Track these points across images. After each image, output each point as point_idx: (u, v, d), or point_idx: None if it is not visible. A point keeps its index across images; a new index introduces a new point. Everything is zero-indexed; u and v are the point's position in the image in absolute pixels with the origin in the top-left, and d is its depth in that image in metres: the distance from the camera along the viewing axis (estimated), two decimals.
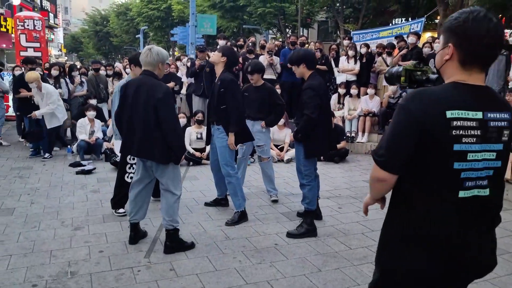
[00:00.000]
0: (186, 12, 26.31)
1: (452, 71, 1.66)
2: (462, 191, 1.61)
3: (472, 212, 1.64)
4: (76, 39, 59.48)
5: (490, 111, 1.60)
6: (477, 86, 1.62)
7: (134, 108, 3.76)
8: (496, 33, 1.56)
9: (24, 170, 7.02)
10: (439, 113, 1.55)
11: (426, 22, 14.67)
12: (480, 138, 1.58)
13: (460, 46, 1.60)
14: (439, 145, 1.57)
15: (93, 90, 9.36)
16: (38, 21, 11.70)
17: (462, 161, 1.58)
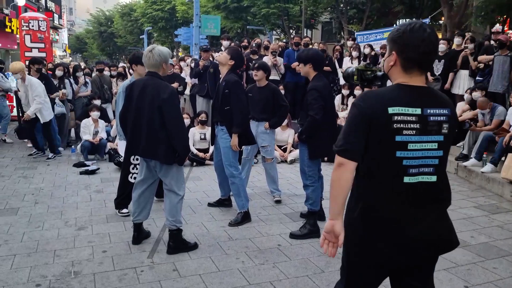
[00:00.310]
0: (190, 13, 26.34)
1: (396, 74, 1.94)
2: (406, 177, 1.86)
3: (420, 196, 1.89)
4: (80, 40, 59.69)
5: (430, 108, 1.88)
6: (417, 87, 1.91)
7: (140, 109, 3.77)
8: (430, 42, 1.85)
9: (28, 170, 7.05)
10: (382, 110, 1.83)
11: (430, 23, 14.64)
12: (420, 130, 1.85)
13: (401, 54, 1.89)
14: (384, 137, 1.85)
15: (97, 91, 9.38)
16: (42, 21, 11.75)
17: (403, 150, 1.85)
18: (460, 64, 8.16)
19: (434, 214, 1.93)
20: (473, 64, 7.92)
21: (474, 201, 5.62)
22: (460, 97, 8.19)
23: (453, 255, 3.93)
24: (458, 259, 3.88)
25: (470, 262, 3.84)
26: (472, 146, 6.86)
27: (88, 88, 9.52)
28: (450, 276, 3.56)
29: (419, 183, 1.88)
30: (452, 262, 3.82)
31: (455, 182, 6.55)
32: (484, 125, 6.90)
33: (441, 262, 3.82)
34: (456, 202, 5.55)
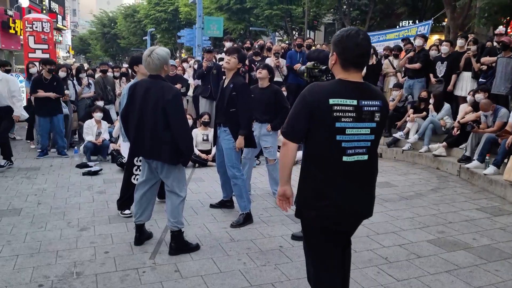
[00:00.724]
0: (193, 14, 26.40)
1: (337, 71, 2.33)
2: (345, 157, 2.26)
3: (354, 172, 2.29)
4: (84, 41, 59.92)
5: (364, 100, 2.26)
6: (354, 82, 2.28)
7: (143, 110, 3.78)
8: (362, 46, 2.24)
9: (32, 170, 7.08)
10: (324, 100, 2.20)
11: (433, 25, 14.65)
12: (355, 118, 2.23)
13: (339, 55, 2.28)
14: (325, 123, 2.22)
15: (101, 92, 9.42)
16: (46, 23, 11.79)
17: (342, 134, 2.23)
18: (463, 66, 8.15)
19: (365, 187, 2.37)
20: (476, 66, 7.91)
21: (477, 203, 5.60)
22: (463, 99, 8.17)
23: (455, 257, 3.93)
24: (460, 261, 3.87)
25: (472, 264, 3.83)
26: (474, 148, 6.84)
27: (91, 89, 9.56)
28: (452, 279, 3.56)
29: (354, 161, 2.28)
30: (454, 264, 3.81)
31: (457, 184, 6.54)
32: (487, 127, 6.89)
33: (443, 264, 3.82)
34: (459, 204, 5.54)
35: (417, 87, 8.63)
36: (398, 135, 8.41)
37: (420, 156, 7.88)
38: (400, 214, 5.15)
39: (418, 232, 4.59)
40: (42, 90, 7.84)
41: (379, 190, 6.01)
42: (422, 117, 8.20)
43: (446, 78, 8.39)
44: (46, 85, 7.89)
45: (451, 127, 7.77)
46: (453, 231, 4.62)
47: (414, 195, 5.96)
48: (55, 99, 7.95)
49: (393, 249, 4.14)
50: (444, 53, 8.45)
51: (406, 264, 3.81)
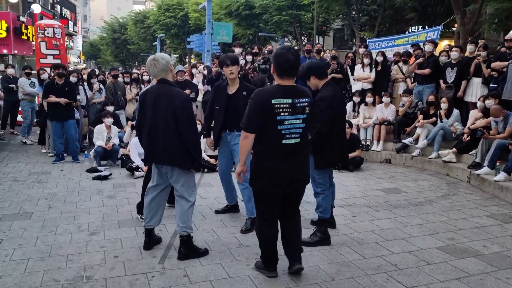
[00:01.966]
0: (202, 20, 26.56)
1: (276, 78, 3.36)
2: (284, 140, 3.25)
3: (290, 151, 3.29)
4: (94, 47, 60.48)
5: (297, 98, 3.26)
6: (288, 86, 3.30)
7: (154, 117, 3.81)
8: (292, 61, 3.27)
9: (43, 175, 7.15)
10: (268, 101, 3.19)
11: (443, 30, 14.58)
12: (291, 112, 3.23)
13: (275, 67, 3.33)
14: (270, 117, 3.19)
15: (111, 97, 9.50)
16: (58, 29, 11.93)
17: (281, 125, 3.22)
18: (473, 71, 8.10)
19: (297, 162, 3.35)
20: (486, 71, 7.86)
21: (487, 210, 5.56)
22: (473, 104, 8.12)
23: (465, 265, 3.90)
24: (471, 268, 3.84)
25: (482, 272, 3.80)
26: (485, 154, 6.79)
27: (102, 94, 9.64)
28: (463, 286, 3.53)
29: (290, 143, 3.27)
30: (464, 271, 3.78)
31: (468, 190, 6.49)
32: (497, 133, 6.84)
33: (453, 271, 3.79)
34: (469, 211, 5.50)
35: (427, 93, 8.59)
36: (407, 141, 8.37)
37: (430, 162, 7.83)
38: (410, 220, 5.12)
39: (428, 238, 4.56)
40: (54, 95, 7.93)
41: (388, 196, 6.02)
42: (431, 123, 8.16)
43: (456, 84, 8.34)
44: (58, 90, 7.98)
45: (461, 133, 7.72)
46: (463, 238, 4.59)
47: (424, 201, 5.93)
48: (68, 104, 8.03)
49: (402, 255, 4.12)
50: (454, 59, 8.41)
51: (415, 271, 3.79)
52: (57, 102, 7.90)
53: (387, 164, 8.42)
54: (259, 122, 3.19)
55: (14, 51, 17.62)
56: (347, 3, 19.55)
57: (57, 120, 8.03)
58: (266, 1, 23.41)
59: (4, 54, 17.45)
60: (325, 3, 20.05)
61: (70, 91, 8.15)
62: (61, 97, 7.93)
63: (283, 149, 3.23)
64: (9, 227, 4.70)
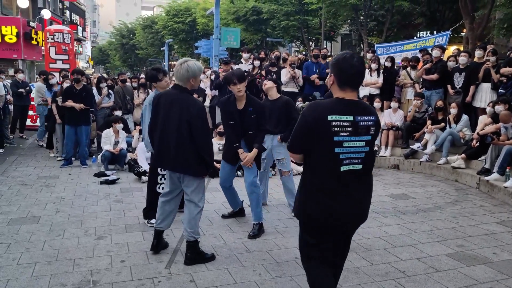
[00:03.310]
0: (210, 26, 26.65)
1: (335, 91, 2.58)
2: (342, 167, 2.51)
3: (349, 180, 2.53)
4: (103, 52, 60.91)
5: (360, 115, 2.51)
6: (350, 100, 2.53)
7: (168, 123, 3.82)
8: (357, 68, 2.50)
9: (51, 179, 7.19)
10: (323, 117, 2.45)
11: (452, 36, 14.51)
12: (352, 133, 2.48)
13: (336, 76, 2.54)
14: (325, 137, 2.46)
15: (120, 102, 9.54)
16: (67, 34, 12.04)
17: (339, 147, 2.47)
18: (482, 77, 8.04)
19: (357, 194, 2.58)
20: (495, 77, 7.79)
21: (497, 217, 5.49)
22: (482, 110, 8.06)
23: (475, 272, 3.85)
24: (480, 276, 3.79)
25: (492, 279, 3.74)
26: (494, 160, 6.72)
27: (111, 99, 9.69)
28: None
29: (349, 170, 2.52)
30: (473, 279, 3.73)
31: (477, 197, 6.43)
32: (507, 139, 6.77)
33: (462, 279, 3.74)
34: (478, 218, 5.44)
35: (435, 98, 8.54)
36: (415, 147, 8.31)
37: (438, 168, 7.77)
38: (418, 227, 5.07)
39: (437, 245, 4.51)
40: (71, 100, 8.02)
41: (396, 202, 5.97)
42: (440, 128, 8.10)
43: (464, 89, 8.29)
44: (75, 96, 8.06)
45: (470, 138, 7.66)
46: (472, 245, 4.53)
47: (432, 207, 5.87)
48: (84, 110, 8.09)
49: (411, 262, 4.08)
50: (462, 64, 8.36)
51: (424, 278, 3.74)
52: (73, 106, 7.97)
53: (395, 169, 8.37)
54: (303, 143, 2.55)
55: (24, 56, 17.81)
56: (355, 9, 19.50)
57: (71, 125, 8.09)
58: (273, 6, 23.42)
59: (14, 59, 17.63)
60: (332, 8, 20.01)
61: (87, 97, 8.23)
62: (78, 102, 8.01)
63: (340, 177, 2.52)
64: (17, 231, 4.72)
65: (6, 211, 5.43)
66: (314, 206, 2.56)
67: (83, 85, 8.27)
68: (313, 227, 2.63)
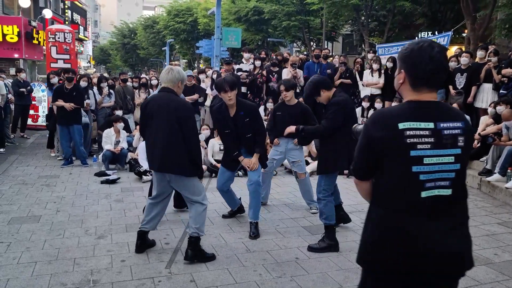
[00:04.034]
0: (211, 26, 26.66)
1: (406, 92, 1.95)
2: (424, 192, 1.84)
3: (434, 209, 1.85)
4: (104, 51, 60.98)
5: (443, 122, 1.85)
6: (428, 102, 1.89)
7: (158, 124, 3.84)
8: (438, 60, 1.85)
9: (51, 178, 7.18)
10: (392, 127, 1.83)
11: (453, 36, 14.48)
12: (434, 144, 1.83)
13: (409, 72, 1.90)
14: (397, 153, 1.84)
15: (120, 101, 9.54)
16: (68, 34, 12.04)
17: (419, 165, 1.83)
18: (483, 77, 8.03)
19: (448, 228, 1.87)
20: (496, 77, 7.78)
21: (498, 218, 5.48)
22: (483, 110, 8.04)
23: (476, 273, 3.84)
24: (481, 277, 3.78)
25: (493, 280, 3.73)
26: (496, 161, 6.71)
27: (112, 99, 9.69)
28: None
29: (435, 196, 1.85)
30: (475, 280, 3.72)
31: (478, 197, 6.41)
32: (508, 139, 6.75)
33: (463, 280, 3.71)
34: (479, 218, 5.43)
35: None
36: None
37: None
38: None
39: None
40: (62, 99, 7.98)
41: None
42: None
43: (465, 90, 8.27)
44: (66, 95, 8.02)
45: None
46: (473, 245, 4.48)
47: None
48: (75, 109, 8.05)
49: None
50: (463, 65, 8.34)
51: None
52: (63, 106, 7.94)
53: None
54: (367, 164, 1.96)
55: (25, 56, 17.81)
56: (356, 9, 19.49)
57: (62, 125, 8.07)
58: (275, 6, 23.42)
59: (15, 59, 17.64)
60: (334, 8, 20.00)
61: (78, 96, 8.16)
62: (69, 101, 7.96)
63: (423, 206, 1.85)
64: (17, 230, 4.71)
65: (6, 210, 5.42)
66: (386, 249, 1.88)
67: (74, 84, 8.23)
68: (387, 280, 1.93)
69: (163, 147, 3.80)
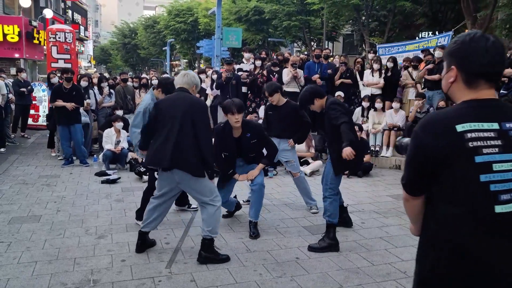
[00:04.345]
0: (212, 25, 26.66)
1: (460, 92, 1.68)
2: (498, 206, 1.52)
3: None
4: (105, 51, 60.99)
5: (508, 121, 1.59)
6: (487, 99, 1.63)
7: (170, 121, 3.81)
8: (495, 51, 1.60)
9: (52, 178, 7.19)
10: (449, 130, 1.56)
11: (454, 36, 14.46)
12: (503, 147, 1.55)
13: (462, 67, 1.64)
14: (459, 160, 1.55)
15: (121, 101, 9.55)
16: (69, 33, 12.04)
17: (488, 173, 1.53)
18: None
19: None
20: None
21: None
22: None
23: None
24: None
25: None
26: None
27: (112, 98, 9.70)
28: None
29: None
30: None
31: None
32: None
33: None
34: None
35: (437, 98, 8.52)
36: None
37: None
38: None
39: None
40: (61, 99, 7.98)
41: (398, 203, 5.96)
42: None
43: None
44: (65, 95, 8.02)
45: None
46: None
47: None
48: (75, 109, 8.06)
49: (412, 263, 4.03)
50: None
51: None
52: (63, 106, 7.94)
53: (397, 170, 8.35)
54: (420, 178, 1.67)
55: (26, 55, 17.82)
56: (356, 9, 19.49)
57: (63, 125, 8.07)
58: (275, 6, 23.42)
59: (16, 58, 17.65)
60: (334, 8, 20.00)
61: (77, 96, 8.16)
62: (68, 101, 7.96)
63: (496, 224, 1.54)
64: (17, 230, 4.72)
65: (7, 210, 5.43)
66: (448, 277, 1.60)
67: (73, 84, 8.23)
68: None
69: (175, 143, 3.75)
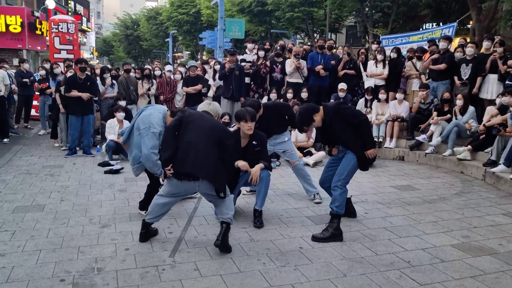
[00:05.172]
0: (214, 17, 26.59)
1: None
2: None
3: None
4: (107, 43, 60.91)
5: None
6: None
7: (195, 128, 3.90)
8: None
9: (55, 168, 7.20)
10: None
11: (458, 27, 14.37)
12: None
13: None
14: None
15: (123, 92, 9.52)
16: (71, 24, 12.02)
17: None
18: (489, 68, 7.97)
19: None
20: (502, 68, 7.72)
21: (503, 208, 5.46)
22: (488, 101, 7.99)
23: (481, 263, 3.83)
24: (486, 267, 3.77)
25: (498, 270, 3.72)
26: (500, 152, 6.67)
27: (115, 89, 9.67)
28: (477, 284, 3.46)
29: None
30: (479, 269, 3.71)
31: (483, 188, 6.38)
32: None
33: (468, 269, 3.72)
34: (484, 209, 5.41)
35: (441, 89, 8.46)
36: (421, 138, 8.25)
37: (444, 160, 7.72)
38: (423, 217, 5.04)
39: (442, 236, 4.48)
40: (76, 90, 7.99)
41: (401, 193, 5.94)
42: (446, 120, 8.04)
43: (471, 81, 8.21)
44: (80, 85, 8.04)
45: (476, 130, 7.60)
46: (478, 236, 4.51)
47: (438, 198, 5.84)
48: (89, 99, 8.09)
49: (416, 252, 4.06)
50: (469, 55, 8.27)
51: (429, 269, 3.73)
52: (77, 96, 7.95)
53: (400, 161, 8.33)
54: None
55: (28, 46, 17.81)
56: (360, 0, 19.37)
57: (77, 115, 8.09)
58: None
59: (18, 49, 17.63)
60: None
61: (92, 86, 8.23)
62: (83, 91, 7.99)
63: None
64: (22, 219, 4.73)
65: (11, 199, 5.44)
66: None
67: (87, 74, 8.26)
68: None
69: (200, 150, 3.79)
